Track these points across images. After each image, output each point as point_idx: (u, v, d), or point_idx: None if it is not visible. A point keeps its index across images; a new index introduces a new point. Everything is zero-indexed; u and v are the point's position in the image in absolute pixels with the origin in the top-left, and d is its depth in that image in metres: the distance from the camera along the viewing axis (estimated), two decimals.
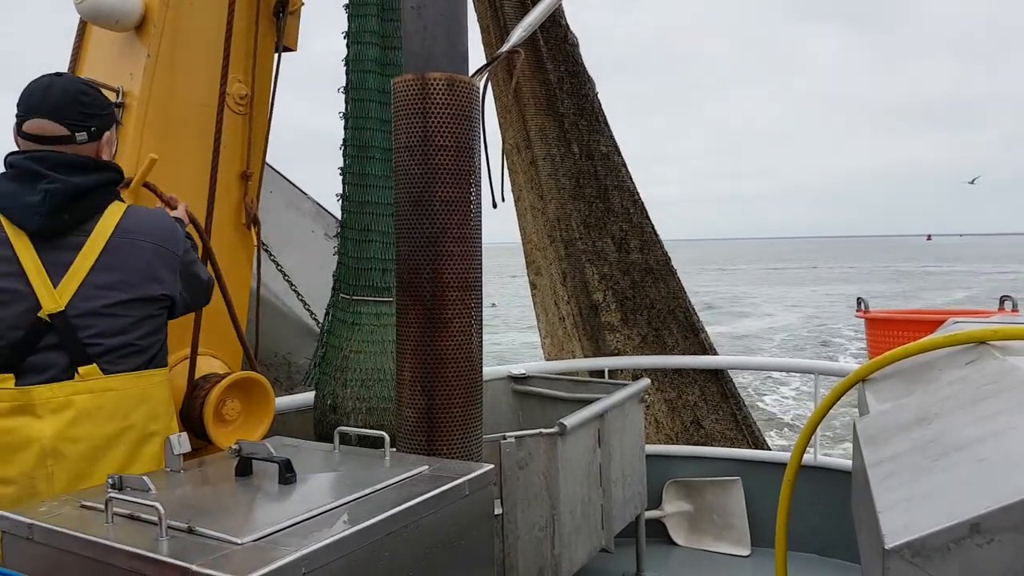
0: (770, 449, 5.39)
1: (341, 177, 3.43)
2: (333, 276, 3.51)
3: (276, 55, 3.64)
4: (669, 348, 5.43)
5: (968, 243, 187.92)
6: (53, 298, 2.19)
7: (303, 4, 3.78)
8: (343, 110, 3.44)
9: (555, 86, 5.11)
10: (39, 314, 2.17)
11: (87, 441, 2.19)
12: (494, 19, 4.95)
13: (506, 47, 2.67)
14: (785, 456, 4.81)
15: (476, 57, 2.72)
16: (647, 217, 5.38)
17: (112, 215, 2.31)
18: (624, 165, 5.33)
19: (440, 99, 2.43)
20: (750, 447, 5.28)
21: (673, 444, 5.31)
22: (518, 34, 2.68)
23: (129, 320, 2.29)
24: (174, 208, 2.88)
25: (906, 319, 6.59)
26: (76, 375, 2.20)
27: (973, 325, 1.98)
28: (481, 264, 2.60)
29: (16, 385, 2.16)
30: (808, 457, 4.46)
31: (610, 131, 5.29)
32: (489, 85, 2.59)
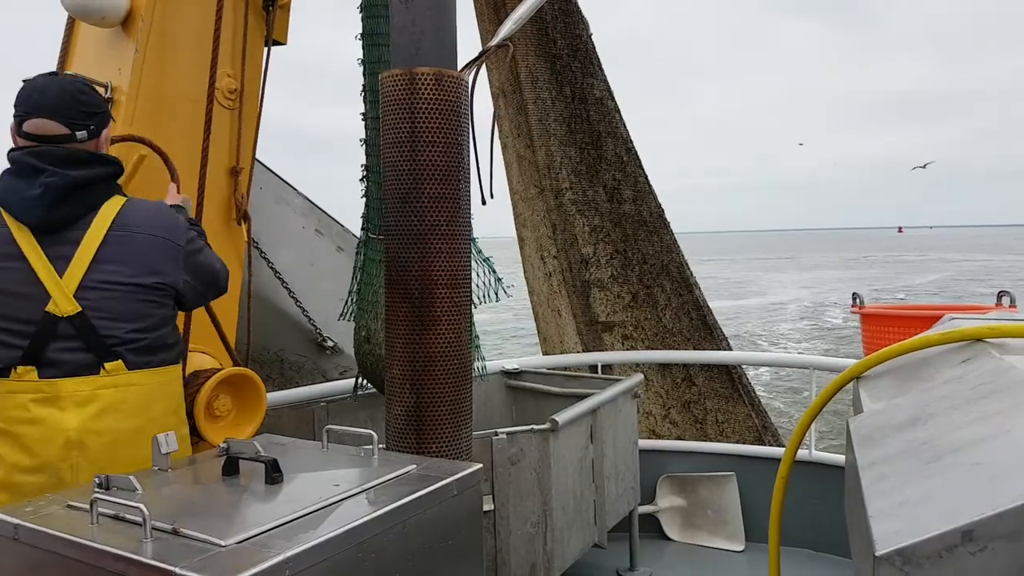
0: (781, 441, 5.34)
1: (363, 122, 3.48)
2: (362, 216, 3.60)
3: (265, 49, 3.61)
4: (661, 307, 5.27)
5: (938, 235, 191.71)
6: (65, 295, 2.22)
7: None
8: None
9: (548, 24, 4.90)
10: (47, 308, 2.21)
11: (110, 434, 2.24)
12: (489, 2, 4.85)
13: (495, 41, 2.64)
14: (780, 452, 4.80)
15: (471, 47, 2.70)
16: (641, 167, 5.20)
17: (110, 209, 2.33)
18: (618, 111, 5.13)
19: (428, 94, 2.39)
20: (758, 437, 5.22)
21: (669, 437, 5.29)
22: (507, 28, 2.64)
23: (134, 312, 2.30)
24: (177, 182, 2.94)
25: (902, 315, 6.55)
26: (102, 370, 2.24)
27: (969, 322, 1.95)
28: (470, 261, 2.57)
29: (39, 377, 2.21)
30: (803, 453, 4.45)
31: (604, 75, 5.09)
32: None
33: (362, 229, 3.61)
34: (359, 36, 3.40)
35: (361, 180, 3.53)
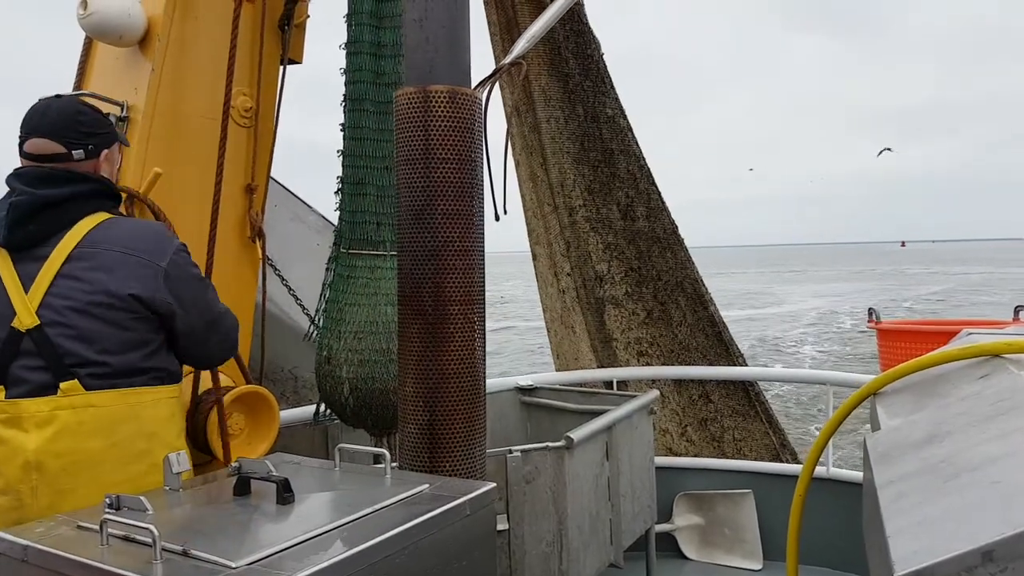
0: (798, 459, 5.28)
1: (341, 133, 3.44)
2: (334, 231, 3.54)
3: (281, 67, 3.64)
4: (676, 323, 5.24)
5: (941, 248, 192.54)
6: (28, 310, 2.21)
7: (309, 17, 3.78)
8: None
9: (560, 44, 4.93)
10: (12, 324, 2.21)
11: (68, 456, 2.19)
12: (501, 9, 4.86)
13: (509, 58, 2.64)
14: (797, 469, 4.75)
15: (485, 65, 2.70)
16: (654, 184, 5.20)
17: (84, 226, 2.30)
18: (630, 129, 5.14)
19: (442, 112, 2.39)
20: (776, 455, 5.16)
21: (686, 455, 5.25)
22: (521, 46, 2.64)
23: (96, 332, 2.24)
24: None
25: (919, 330, 6.49)
26: (59, 390, 2.20)
27: (987, 337, 1.93)
28: (484, 278, 2.56)
29: (5, 398, 2.19)
30: (821, 470, 4.40)
31: (616, 94, 5.11)
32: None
33: (333, 244, 3.52)
34: (342, 46, 3.40)
35: (336, 193, 3.47)
